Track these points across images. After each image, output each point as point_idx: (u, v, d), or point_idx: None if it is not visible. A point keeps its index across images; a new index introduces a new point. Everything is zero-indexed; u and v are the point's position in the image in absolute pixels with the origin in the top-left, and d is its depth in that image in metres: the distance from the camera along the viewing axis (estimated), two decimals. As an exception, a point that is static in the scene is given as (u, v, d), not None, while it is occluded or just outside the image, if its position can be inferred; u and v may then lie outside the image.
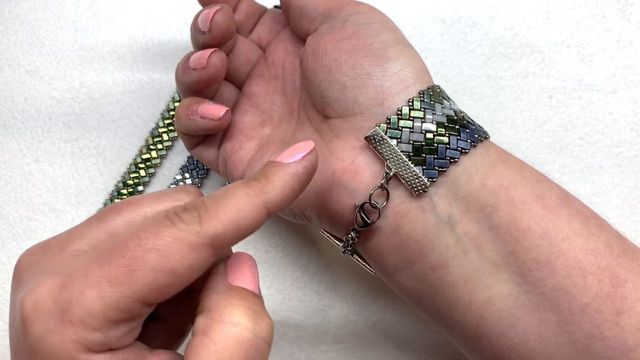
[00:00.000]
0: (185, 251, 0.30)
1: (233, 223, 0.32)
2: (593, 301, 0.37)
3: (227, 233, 0.32)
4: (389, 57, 0.41)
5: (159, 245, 0.30)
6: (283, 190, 0.34)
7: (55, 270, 0.32)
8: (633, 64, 0.59)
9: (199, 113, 0.45)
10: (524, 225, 0.38)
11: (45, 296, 0.30)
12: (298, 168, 0.35)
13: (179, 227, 0.31)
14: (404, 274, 0.41)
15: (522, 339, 0.38)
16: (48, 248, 0.34)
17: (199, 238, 0.31)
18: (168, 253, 0.30)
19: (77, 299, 0.30)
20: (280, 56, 0.50)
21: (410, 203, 0.40)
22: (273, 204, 0.33)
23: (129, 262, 0.30)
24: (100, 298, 0.29)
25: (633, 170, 0.57)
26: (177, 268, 0.30)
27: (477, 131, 0.41)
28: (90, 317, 0.29)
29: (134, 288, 0.30)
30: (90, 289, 0.30)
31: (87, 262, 0.31)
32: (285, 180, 0.34)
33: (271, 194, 0.33)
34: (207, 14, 0.45)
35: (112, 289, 0.30)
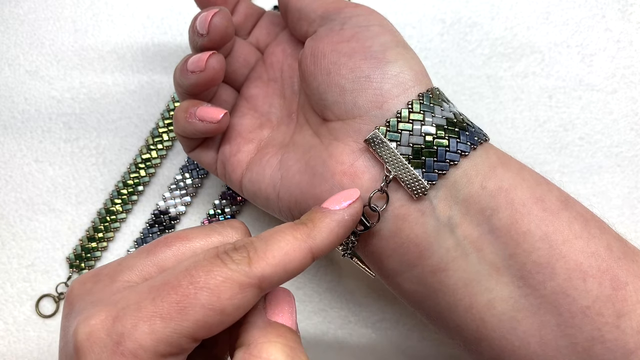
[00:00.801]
0: (234, 291, 0.31)
1: (280, 265, 0.33)
2: (593, 304, 0.37)
3: (274, 275, 0.33)
4: (388, 59, 0.41)
5: (210, 284, 0.31)
6: (329, 236, 0.35)
7: (108, 302, 0.33)
8: (633, 64, 0.58)
9: (197, 116, 0.45)
10: (524, 227, 0.38)
11: (99, 328, 0.31)
12: (344, 215, 0.36)
13: (229, 267, 0.32)
14: (404, 277, 0.41)
15: (523, 342, 0.38)
16: (99, 277, 0.35)
17: (248, 279, 0.32)
18: (218, 292, 0.31)
19: (129, 332, 0.30)
20: (279, 58, 0.50)
21: (410, 206, 0.39)
22: (319, 248, 0.35)
23: (181, 299, 0.31)
24: (153, 333, 0.30)
25: (633, 170, 0.57)
26: (226, 307, 0.31)
27: (476, 134, 0.40)
28: (141, 350, 0.30)
29: (184, 324, 0.31)
30: (142, 323, 0.31)
31: (140, 296, 0.32)
32: (332, 227, 0.36)
33: (317, 240, 0.35)
34: (205, 17, 0.45)
35: (163, 324, 0.30)
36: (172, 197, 0.58)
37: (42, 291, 0.57)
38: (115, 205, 0.58)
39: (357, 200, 0.37)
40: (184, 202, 0.58)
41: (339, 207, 0.37)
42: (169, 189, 0.58)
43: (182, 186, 0.58)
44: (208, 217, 0.58)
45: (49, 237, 0.58)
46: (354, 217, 0.37)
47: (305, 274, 0.57)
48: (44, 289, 0.57)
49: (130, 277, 0.35)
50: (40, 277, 0.57)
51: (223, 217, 0.58)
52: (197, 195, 0.59)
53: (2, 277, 0.57)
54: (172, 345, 0.31)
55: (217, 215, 0.58)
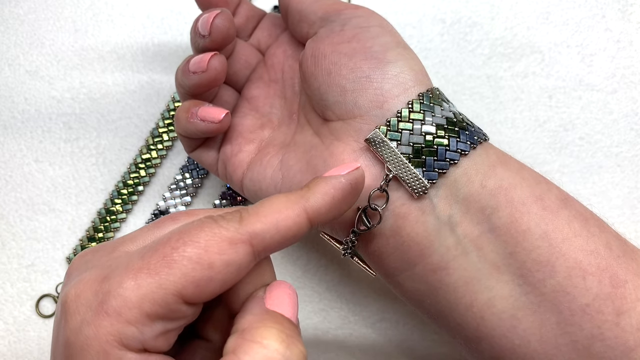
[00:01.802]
0: (223, 245, 0.31)
1: (272, 223, 0.32)
2: (593, 302, 0.37)
3: (266, 232, 0.32)
4: (388, 59, 0.41)
5: (199, 238, 0.31)
6: (324, 197, 0.35)
7: (101, 266, 0.32)
8: (633, 64, 0.59)
9: (199, 116, 0.45)
10: (523, 226, 0.38)
11: (87, 288, 0.31)
12: (340, 179, 0.36)
13: (219, 223, 0.32)
14: (405, 275, 0.41)
15: (523, 340, 0.38)
16: (99, 249, 0.35)
17: (238, 234, 0.31)
18: (206, 246, 0.31)
19: (114, 289, 0.30)
20: (280, 60, 0.50)
21: (411, 205, 0.40)
22: (313, 209, 0.34)
23: (168, 252, 0.30)
24: (138, 288, 0.30)
25: (633, 170, 0.57)
26: (214, 261, 0.30)
27: (476, 133, 0.41)
28: (125, 307, 0.30)
29: (170, 278, 0.30)
30: (128, 279, 0.30)
31: (131, 257, 0.32)
32: (326, 190, 0.35)
33: (311, 200, 0.34)
34: (207, 18, 0.45)
35: (149, 279, 0.30)
36: (172, 197, 0.58)
37: (42, 291, 0.57)
38: (115, 205, 0.58)
39: (357, 169, 0.37)
40: (184, 202, 0.58)
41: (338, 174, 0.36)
42: (169, 189, 0.58)
43: (182, 186, 0.58)
44: (208, 217, 0.58)
45: (49, 237, 0.58)
46: (352, 182, 0.36)
47: (306, 274, 0.57)
48: (44, 289, 0.57)
49: (130, 247, 0.34)
50: (40, 277, 0.57)
51: (223, 217, 0.58)
52: (197, 195, 0.59)
53: (2, 277, 0.57)
54: (158, 302, 0.30)
55: (217, 215, 0.58)
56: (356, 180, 0.36)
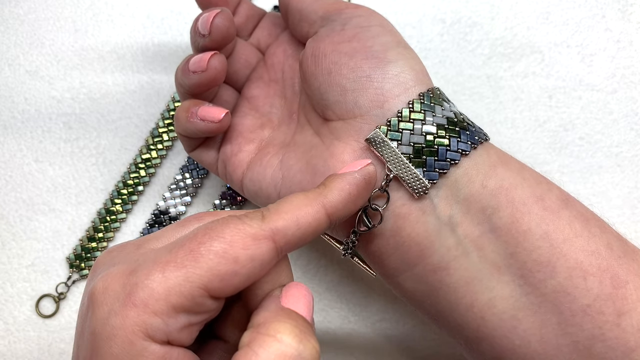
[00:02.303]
0: (247, 241, 0.32)
1: (293, 220, 0.34)
2: (594, 302, 0.37)
3: (288, 228, 0.33)
4: (389, 59, 0.41)
5: (224, 234, 0.32)
6: (340, 193, 0.36)
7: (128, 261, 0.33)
8: (633, 64, 0.59)
9: (198, 115, 0.45)
10: (524, 226, 0.38)
11: (115, 281, 0.32)
12: (355, 175, 0.37)
13: (243, 221, 0.33)
14: (405, 276, 0.41)
15: (524, 341, 0.38)
16: (125, 246, 0.36)
17: (261, 230, 0.32)
18: (232, 241, 0.32)
19: (142, 281, 0.31)
20: (280, 59, 0.50)
21: (411, 205, 0.40)
22: (331, 204, 0.35)
23: (195, 247, 0.31)
24: (165, 280, 0.31)
25: (633, 170, 0.57)
26: (239, 256, 0.31)
27: (477, 133, 0.41)
28: (152, 299, 0.30)
29: (197, 272, 0.31)
30: (156, 272, 0.31)
31: (158, 252, 0.33)
32: (342, 186, 0.36)
33: (329, 197, 0.36)
34: (207, 17, 0.45)
35: (176, 272, 0.31)
36: (172, 197, 0.58)
37: (42, 291, 0.57)
38: (115, 205, 0.58)
39: (369, 164, 0.38)
40: (184, 202, 0.58)
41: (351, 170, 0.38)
42: (169, 189, 0.58)
43: (182, 186, 0.58)
44: (208, 217, 0.58)
45: (49, 237, 0.58)
46: (366, 177, 0.37)
47: (306, 275, 0.57)
48: (44, 289, 0.57)
49: (155, 245, 0.35)
50: (40, 277, 0.57)
51: (223, 217, 0.58)
52: (197, 195, 0.59)
53: (2, 277, 0.57)
54: (184, 295, 0.31)
55: (217, 215, 0.58)
56: (369, 175, 0.38)
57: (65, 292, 0.57)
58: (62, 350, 0.56)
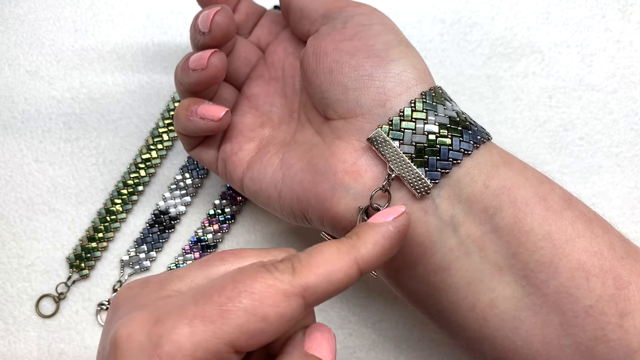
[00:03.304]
0: (277, 298, 0.31)
1: (324, 275, 0.32)
2: (597, 303, 0.37)
3: (319, 285, 0.32)
4: (390, 58, 0.41)
5: (254, 289, 0.31)
6: (374, 247, 0.35)
7: (152, 306, 0.33)
8: (633, 64, 0.59)
9: (198, 114, 0.45)
10: (527, 227, 0.38)
11: (139, 329, 0.31)
12: (389, 227, 0.36)
13: (274, 274, 0.32)
14: (406, 276, 0.41)
15: (526, 342, 0.38)
16: (148, 284, 0.35)
17: (292, 287, 0.31)
18: (262, 298, 0.31)
19: (168, 334, 0.30)
20: (280, 57, 0.50)
21: (413, 205, 0.39)
22: (364, 260, 0.34)
23: (224, 302, 0.31)
24: (192, 335, 0.30)
25: (633, 170, 0.57)
26: (268, 314, 0.31)
27: (479, 132, 0.41)
28: (179, 354, 0.30)
29: (225, 328, 0.30)
30: (182, 325, 0.30)
31: (184, 301, 0.32)
32: (376, 239, 0.35)
33: (362, 251, 0.34)
34: (207, 15, 0.45)
35: (204, 327, 0.30)
36: (172, 197, 0.58)
37: (42, 291, 0.57)
38: (115, 205, 0.58)
39: (403, 214, 0.36)
40: (184, 202, 0.58)
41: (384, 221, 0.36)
42: (169, 189, 0.58)
43: (182, 186, 0.58)
44: (208, 217, 0.58)
45: (49, 237, 0.58)
46: (400, 229, 0.36)
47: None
48: (44, 289, 0.57)
49: (179, 286, 0.35)
50: (40, 277, 0.57)
51: (223, 217, 0.58)
52: (197, 195, 0.59)
53: (2, 277, 0.57)
54: (210, 351, 0.30)
55: (217, 215, 0.58)
56: (404, 227, 0.36)
57: (65, 292, 0.57)
58: (62, 350, 0.56)
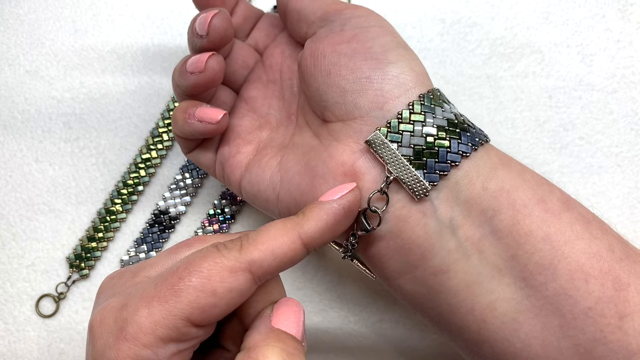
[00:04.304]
0: (224, 274, 0.34)
1: (269, 250, 0.35)
2: (596, 305, 0.37)
3: (264, 259, 0.35)
4: (388, 60, 0.41)
5: (203, 268, 0.34)
6: (317, 223, 0.37)
7: (124, 293, 0.36)
8: (633, 64, 0.59)
9: (196, 116, 0.45)
10: (525, 229, 0.38)
11: (109, 315, 0.35)
12: (333, 205, 0.38)
13: (221, 252, 0.35)
14: (405, 278, 0.41)
15: (525, 344, 0.38)
16: (124, 274, 0.39)
17: (238, 263, 0.34)
18: (209, 275, 0.34)
19: (131, 317, 0.33)
20: (278, 60, 0.50)
21: (411, 207, 0.39)
22: (307, 235, 0.37)
23: (176, 282, 0.34)
24: (151, 315, 0.33)
25: (633, 170, 0.57)
26: (217, 289, 0.34)
27: (477, 135, 0.40)
28: (141, 333, 0.33)
29: (178, 306, 0.33)
30: (142, 307, 0.33)
31: (147, 285, 0.35)
32: (319, 215, 0.37)
33: (305, 227, 0.37)
34: (204, 18, 0.45)
35: (160, 307, 0.33)
36: (172, 197, 0.58)
37: (42, 291, 0.57)
38: (115, 205, 0.58)
39: (351, 191, 0.39)
40: (184, 202, 0.58)
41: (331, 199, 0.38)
42: (169, 189, 0.58)
43: (182, 186, 0.58)
44: (208, 217, 0.58)
45: (49, 237, 0.58)
46: (346, 207, 0.38)
47: (305, 275, 0.57)
48: (44, 289, 0.57)
49: (150, 272, 0.38)
50: (40, 277, 0.57)
51: (223, 217, 0.58)
52: (197, 195, 0.59)
53: (2, 277, 0.57)
54: (169, 327, 0.33)
55: (217, 215, 0.58)
56: (349, 204, 0.38)
57: (65, 292, 0.57)
58: (62, 350, 0.56)
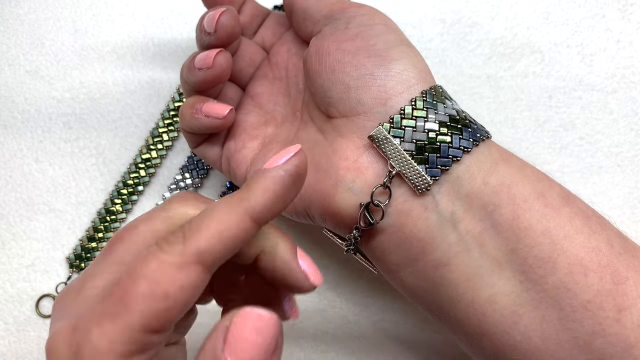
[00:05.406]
0: (172, 273, 0.30)
1: (215, 236, 0.31)
2: (594, 298, 0.37)
3: (213, 247, 0.31)
4: (392, 57, 0.42)
5: (147, 272, 0.30)
6: (264, 195, 0.32)
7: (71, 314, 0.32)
8: (633, 64, 0.59)
9: (203, 111, 0.46)
10: (525, 223, 0.38)
11: (60, 340, 0.31)
12: (279, 171, 0.33)
13: (164, 249, 0.31)
14: (407, 272, 0.41)
15: (524, 337, 0.38)
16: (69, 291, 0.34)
17: (184, 257, 0.30)
18: (156, 279, 0.30)
19: (84, 339, 0.30)
20: (284, 58, 0.51)
21: (413, 201, 0.40)
22: (256, 210, 0.32)
23: (122, 294, 0.30)
24: (104, 334, 0.29)
25: (633, 170, 0.57)
26: (168, 290, 0.30)
27: (479, 130, 0.41)
28: (98, 355, 0.29)
29: (131, 319, 0.29)
30: (94, 328, 0.30)
31: (93, 301, 0.31)
32: (265, 186, 0.32)
33: (252, 201, 0.32)
34: (212, 16, 0.45)
35: (111, 324, 0.29)
36: (172, 197, 0.58)
37: (42, 291, 0.57)
38: (115, 205, 0.58)
39: (296, 154, 0.34)
40: (184, 202, 0.58)
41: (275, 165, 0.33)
42: (169, 189, 0.58)
43: (182, 186, 0.58)
44: (208, 217, 0.58)
45: (49, 237, 0.58)
46: (292, 172, 0.33)
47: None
48: (44, 289, 0.57)
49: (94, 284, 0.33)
50: (40, 277, 0.57)
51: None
52: (197, 195, 0.59)
53: (2, 277, 0.57)
54: (128, 342, 0.29)
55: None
56: (296, 169, 0.33)
57: (65, 291, 0.57)
58: (62, 350, 0.56)
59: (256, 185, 0.32)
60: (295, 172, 0.33)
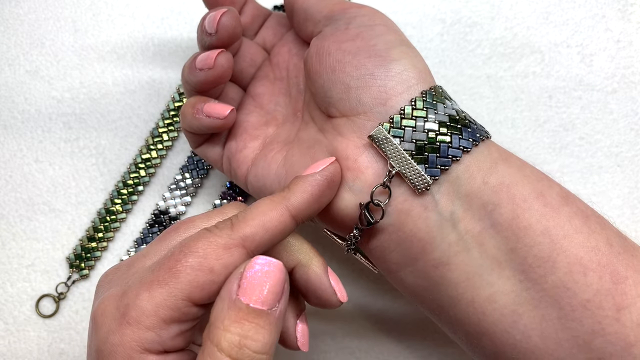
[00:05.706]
0: (219, 251, 0.35)
1: (259, 225, 0.37)
2: (594, 297, 0.37)
3: (256, 234, 0.36)
4: (392, 57, 0.42)
5: (198, 248, 0.35)
6: (302, 195, 0.39)
7: (121, 284, 0.37)
8: (633, 64, 0.59)
9: (204, 112, 0.46)
10: (525, 222, 0.38)
11: (110, 303, 0.36)
12: (316, 176, 0.40)
13: (213, 232, 0.36)
14: (407, 271, 0.41)
15: (524, 336, 0.38)
16: (119, 268, 0.40)
17: (231, 240, 0.36)
18: (205, 254, 0.35)
19: (133, 302, 0.35)
20: (285, 58, 0.51)
21: (413, 201, 0.40)
22: (295, 207, 0.38)
23: (173, 264, 0.35)
24: (152, 298, 0.34)
25: (633, 170, 0.57)
26: (214, 266, 0.35)
27: (478, 130, 0.41)
28: (144, 316, 0.34)
29: (178, 286, 0.34)
30: (143, 292, 0.35)
31: (144, 272, 0.37)
32: (304, 187, 0.39)
33: (292, 200, 0.38)
34: (214, 16, 0.46)
35: (160, 289, 0.34)
36: (172, 197, 0.58)
37: (42, 291, 0.57)
38: (115, 205, 0.58)
39: (332, 164, 0.41)
40: (184, 202, 0.58)
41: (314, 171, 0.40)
42: (169, 189, 0.58)
43: (182, 186, 0.58)
44: (208, 217, 0.58)
45: (49, 237, 0.58)
46: (328, 177, 0.40)
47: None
48: (44, 289, 0.57)
49: (144, 262, 0.38)
50: (40, 277, 0.57)
51: (223, 217, 0.58)
52: (197, 195, 0.59)
53: (2, 277, 0.57)
54: (171, 308, 0.34)
55: (217, 215, 0.58)
56: (331, 175, 0.40)
57: (65, 292, 0.57)
58: (62, 350, 0.56)
59: (296, 187, 0.39)
60: (330, 177, 0.40)
